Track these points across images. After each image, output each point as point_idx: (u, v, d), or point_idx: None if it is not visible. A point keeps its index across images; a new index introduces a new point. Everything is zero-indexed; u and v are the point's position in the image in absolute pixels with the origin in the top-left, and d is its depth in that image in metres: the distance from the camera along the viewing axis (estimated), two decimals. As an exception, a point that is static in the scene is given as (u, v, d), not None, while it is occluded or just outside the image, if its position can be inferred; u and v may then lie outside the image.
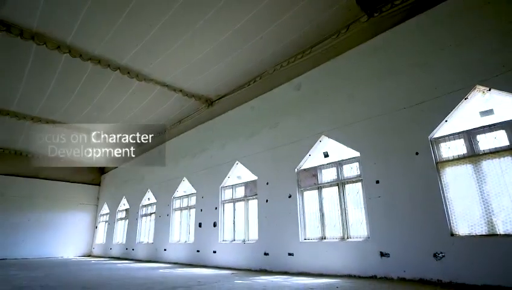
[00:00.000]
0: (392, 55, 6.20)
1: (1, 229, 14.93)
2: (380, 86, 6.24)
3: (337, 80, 7.10)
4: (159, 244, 11.91)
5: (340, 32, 7.22)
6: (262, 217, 7.98)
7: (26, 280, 6.27)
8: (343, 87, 6.91)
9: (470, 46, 5.12)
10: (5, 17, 6.79)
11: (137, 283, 5.65)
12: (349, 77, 6.88)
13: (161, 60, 8.46)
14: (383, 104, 6.09)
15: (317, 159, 7.27)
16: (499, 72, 4.72)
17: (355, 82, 6.72)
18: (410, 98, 5.70)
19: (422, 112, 5.48)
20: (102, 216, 17.74)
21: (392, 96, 5.99)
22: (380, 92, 6.22)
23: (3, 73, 8.85)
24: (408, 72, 5.85)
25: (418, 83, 5.66)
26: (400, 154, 5.63)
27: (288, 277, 6.20)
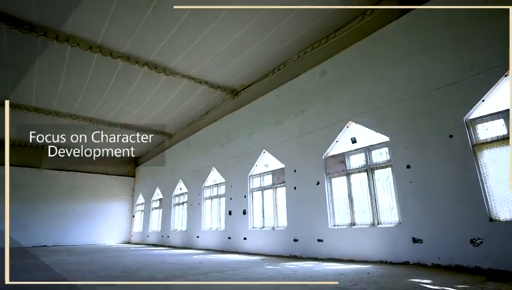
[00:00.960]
0: (422, 34, 5.86)
1: (51, 219, 16.23)
2: (409, 67, 5.94)
3: (364, 63, 6.86)
4: (191, 231, 12.35)
5: (365, 13, 6.92)
6: (290, 205, 8.01)
7: (75, 264, 6.80)
8: (371, 70, 6.67)
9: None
10: (42, 22, 7.17)
11: (172, 268, 5.92)
12: (376, 59, 6.61)
13: (186, 53, 8.59)
14: (414, 85, 5.81)
15: (345, 145, 7.14)
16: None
17: (383, 64, 6.45)
18: (443, 78, 5.39)
19: (456, 93, 5.17)
20: (138, 206, 18.64)
21: (423, 77, 5.69)
22: (410, 73, 5.93)
23: (44, 75, 9.42)
24: (440, 51, 5.51)
25: (451, 61, 5.32)
26: (433, 138, 5.38)
27: (318, 262, 6.22)
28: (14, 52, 8.23)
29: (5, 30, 7.26)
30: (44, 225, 16.00)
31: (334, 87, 7.42)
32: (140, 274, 5.05)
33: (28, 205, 15.83)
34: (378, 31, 6.64)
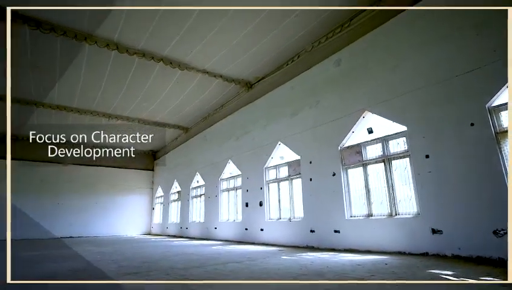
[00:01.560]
0: (440, 19, 5.62)
1: (75, 211, 16.89)
2: (427, 54, 5.73)
3: (380, 51, 6.67)
4: (209, 223, 12.56)
5: (381, 0, 6.70)
6: (306, 196, 7.99)
7: (99, 254, 7.07)
8: (387, 59, 6.48)
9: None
10: (62, 22, 7.35)
11: (192, 258, 6.06)
12: (392, 47, 6.42)
13: (199, 48, 8.61)
14: (432, 73, 5.61)
15: (361, 135, 7.01)
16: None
17: (399, 52, 6.25)
18: (463, 64, 5.17)
19: (478, 79, 4.96)
20: (158, 198, 19.08)
21: (442, 64, 5.48)
22: (427, 60, 5.72)
23: (64, 74, 9.69)
24: (460, 36, 5.28)
25: (472, 46, 5.09)
26: (452, 126, 5.20)
27: (335, 253, 6.20)
28: (36, 53, 8.50)
29: (29, 32, 7.50)
30: (70, 217, 16.70)
31: (349, 77, 7.27)
32: (160, 264, 5.20)
33: (55, 198, 16.57)
34: (394, 18, 6.43)
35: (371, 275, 3.70)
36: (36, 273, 4.45)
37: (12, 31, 7.45)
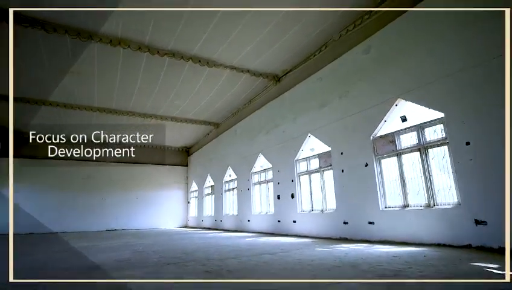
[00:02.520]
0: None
1: (118, 206, 18.00)
2: (464, 36, 5.33)
3: (412, 35, 6.31)
4: (242, 215, 12.77)
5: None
6: (338, 187, 7.85)
7: (140, 246, 7.47)
8: (420, 43, 6.11)
9: None
10: (96, 30, 7.76)
11: (227, 250, 6.21)
12: (426, 30, 6.03)
13: (226, 45, 8.69)
14: (472, 54, 5.22)
15: (394, 124, 6.72)
16: None
17: (434, 35, 5.87)
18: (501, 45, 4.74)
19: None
20: (193, 193, 19.71)
21: (483, 44, 5.07)
22: (467, 41, 5.32)
23: (102, 78, 10.26)
24: (498, 16, 4.83)
25: None
26: (495, 110, 4.80)
27: (370, 245, 6.06)
28: (74, 60, 9.05)
29: (69, 40, 8.00)
30: (114, 211, 17.82)
31: (380, 64, 6.97)
32: (197, 255, 5.39)
33: (99, 194, 17.73)
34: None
35: (408, 267, 3.57)
36: (88, 263, 4.81)
37: (55, 41, 8.01)
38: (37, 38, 7.89)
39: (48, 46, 8.29)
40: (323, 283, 3.00)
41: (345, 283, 2.98)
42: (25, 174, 16.49)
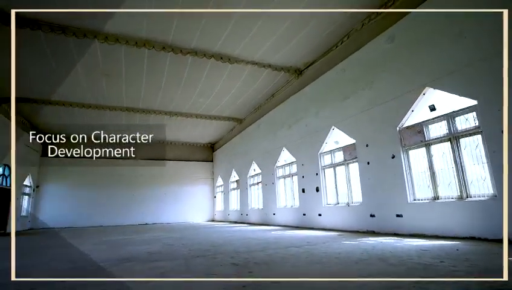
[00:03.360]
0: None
1: (148, 201, 18.73)
2: (496, 17, 4.96)
3: (439, 21, 5.98)
4: (268, 209, 12.83)
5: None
6: (364, 180, 7.67)
7: (170, 239, 7.73)
8: (448, 28, 5.78)
9: None
10: (125, 33, 8.02)
11: (254, 243, 6.28)
12: (454, 14, 5.69)
13: (247, 40, 8.69)
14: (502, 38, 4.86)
15: (422, 114, 6.44)
16: None
17: (464, 19, 5.53)
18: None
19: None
20: (218, 187, 20.04)
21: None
22: (496, 24, 4.95)
23: (129, 79, 10.62)
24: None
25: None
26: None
27: (398, 238, 5.89)
28: (106, 62, 9.43)
29: (98, 46, 8.35)
30: (144, 206, 18.55)
31: (405, 52, 6.68)
32: (225, 248, 5.50)
33: (129, 190, 18.50)
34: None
35: (440, 261, 3.45)
36: (123, 254, 5.05)
37: (85, 47, 8.38)
38: (70, 46, 8.30)
39: (80, 51, 8.69)
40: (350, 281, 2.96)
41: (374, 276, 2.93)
42: (64, 173, 17.59)
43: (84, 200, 17.60)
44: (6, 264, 4.57)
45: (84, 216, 17.35)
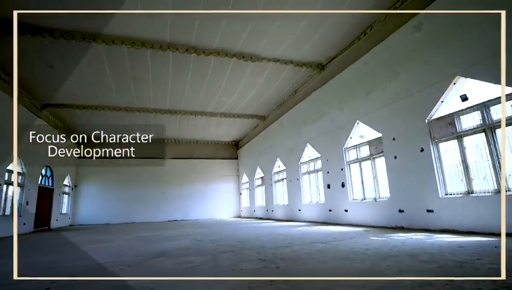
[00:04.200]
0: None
1: (177, 198, 19.28)
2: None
3: (471, 5, 5.61)
4: (293, 205, 12.76)
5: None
6: (391, 175, 7.42)
7: (198, 235, 7.91)
8: (481, 13, 5.41)
9: None
10: (151, 36, 8.26)
11: (280, 238, 6.29)
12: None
13: (268, 38, 8.65)
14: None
15: (453, 104, 6.11)
16: None
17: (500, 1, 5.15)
18: None
19: None
20: (244, 184, 20.21)
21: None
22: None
23: (156, 81, 10.94)
24: None
25: None
26: None
27: (429, 234, 5.65)
28: (134, 67, 9.77)
29: (126, 51, 8.66)
30: (173, 203, 19.12)
31: (433, 41, 6.34)
32: (252, 244, 5.54)
33: (159, 188, 19.12)
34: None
35: (477, 259, 3.26)
36: (154, 250, 5.24)
37: (115, 52, 8.72)
38: (100, 52, 8.69)
39: (109, 57, 9.07)
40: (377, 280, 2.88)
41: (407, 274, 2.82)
42: (99, 173, 18.53)
43: (117, 199, 18.45)
44: (54, 257, 4.90)
45: (118, 214, 18.20)
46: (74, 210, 17.94)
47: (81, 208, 18.11)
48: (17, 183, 10.33)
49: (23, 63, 9.11)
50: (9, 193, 11.02)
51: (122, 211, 18.26)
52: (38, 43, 8.09)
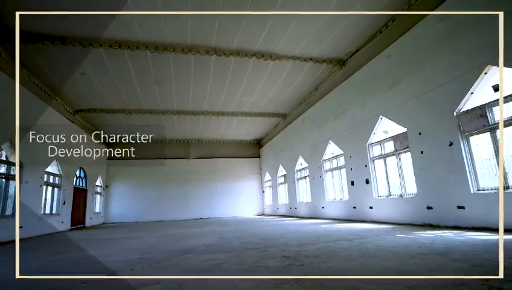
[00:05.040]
0: None
1: (202, 197, 19.63)
2: None
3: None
4: (316, 202, 12.60)
5: None
6: (418, 170, 7.13)
7: (223, 233, 8.01)
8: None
9: None
10: (172, 41, 8.44)
11: (304, 236, 6.23)
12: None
13: (287, 36, 8.58)
14: None
15: (484, 95, 5.76)
16: None
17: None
18: None
19: None
20: (266, 182, 20.21)
21: None
22: None
23: (179, 84, 11.17)
24: None
25: None
26: None
27: (460, 231, 5.38)
28: (157, 70, 10.03)
29: (149, 55, 8.91)
30: (198, 202, 19.47)
31: (461, 29, 6.00)
32: (276, 241, 5.53)
33: (185, 187, 19.54)
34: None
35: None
36: (182, 247, 5.36)
37: (140, 58, 9.00)
38: (126, 58, 9.00)
39: (134, 62, 9.37)
40: (408, 271, 2.77)
41: (434, 271, 2.70)
42: (128, 173, 19.25)
43: (145, 198, 19.08)
44: (90, 253, 5.15)
45: (146, 212, 18.82)
46: (106, 209, 18.76)
47: (112, 207, 18.90)
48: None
49: (56, 71, 9.63)
50: (49, 193, 11.72)
51: (150, 210, 18.86)
52: (71, 52, 8.51)
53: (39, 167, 10.51)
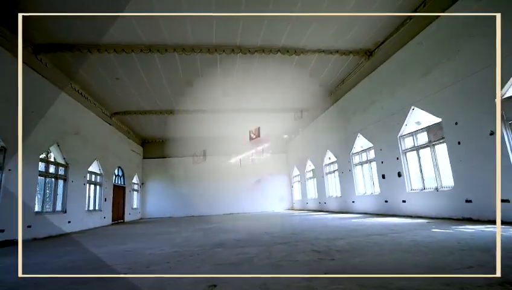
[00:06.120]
0: None
1: (232, 193, 19.95)
2: None
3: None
4: (346, 197, 12.30)
5: None
6: (455, 162, 6.69)
7: (254, 227, 8.07)
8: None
9: None
10: (202, 42, 8.59)
11: (334, 230, 6.10)
12: None
13: (311, 30, 8.40)
14: None
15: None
16: None
17: None
18: None
19: None
20: (295, 177, 20.06)
21: None
22: None
23: (207, 84, 11.36)
24: None
25: None
26: None
27: (504, 226, 4.99)
28: (185, 71, 10.28)
29: (178, 57, 9.14)
30: (228, 197, 19.81)
31: (500, 9, 5.50)
32: (306, 236, 5.47)
33: (216, 184, 19.98)
34: None
35: None
36: (214, 241, 5.48)
37: (169, 60, 9.26)
38: (156, 61, 9.32)
39: (164, 65, 9.67)
40: (445, 268, 2.61)
41: (474, 268, 2.52)
42: (162, 171, 20.02)
43: (179, 194, 19.75)
44: (132, 246, 5.42)
45: (180, 208, 19.49)
46: (142, 205, 19.67)
47: (148, 203, 19.79)
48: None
49: (94, 77, 10.19)
50: (91, 191, 12.50)
51: (183, 206, 19.51)
52: (106, 59, 8.97)
53: (82, 166, 11.24)
